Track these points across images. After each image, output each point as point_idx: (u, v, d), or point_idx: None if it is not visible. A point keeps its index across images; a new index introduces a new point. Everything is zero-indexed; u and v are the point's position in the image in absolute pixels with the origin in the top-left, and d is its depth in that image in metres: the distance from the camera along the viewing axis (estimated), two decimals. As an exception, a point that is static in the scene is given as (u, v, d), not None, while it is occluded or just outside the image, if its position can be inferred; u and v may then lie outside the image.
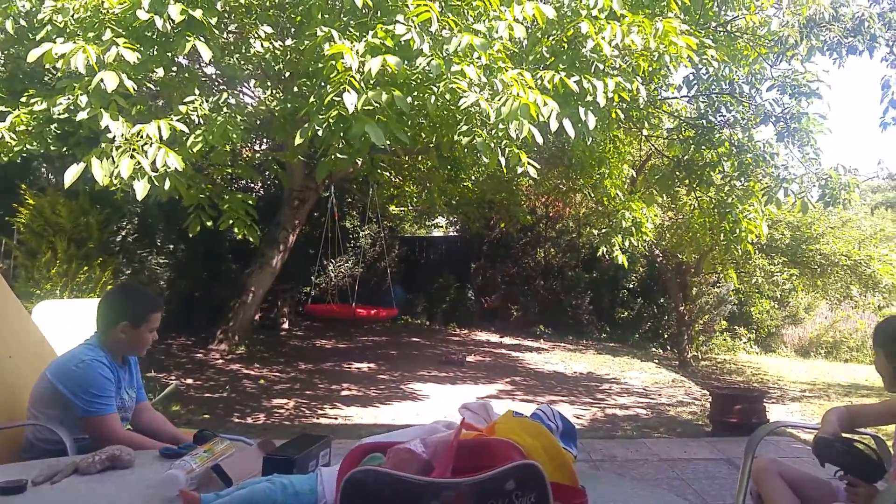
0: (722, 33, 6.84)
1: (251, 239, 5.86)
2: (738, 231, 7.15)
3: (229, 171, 6.37)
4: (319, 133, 4.24)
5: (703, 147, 7.22)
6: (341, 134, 4.32)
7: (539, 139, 4.47)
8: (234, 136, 4.89)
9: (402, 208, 14.32)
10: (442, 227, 16.81)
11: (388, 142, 4.36)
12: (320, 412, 6.33)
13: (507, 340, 12.44)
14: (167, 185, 4.24)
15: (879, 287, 9.44)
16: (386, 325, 12.35)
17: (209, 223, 5.61)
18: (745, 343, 14.05)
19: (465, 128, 4.64)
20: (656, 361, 11.11)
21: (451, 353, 8.41)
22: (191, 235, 5.61)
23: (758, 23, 6.32)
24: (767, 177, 6.89)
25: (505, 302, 14.17)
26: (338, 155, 4.77)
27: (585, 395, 7.55)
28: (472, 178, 10.49)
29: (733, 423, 5.15)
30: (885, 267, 9.17)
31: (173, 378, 7.39)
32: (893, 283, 9.19)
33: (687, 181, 7.73)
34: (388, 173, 10.60)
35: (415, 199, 11.76)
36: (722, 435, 5.18)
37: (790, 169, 7.03)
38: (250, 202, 5.77)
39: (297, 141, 4.42)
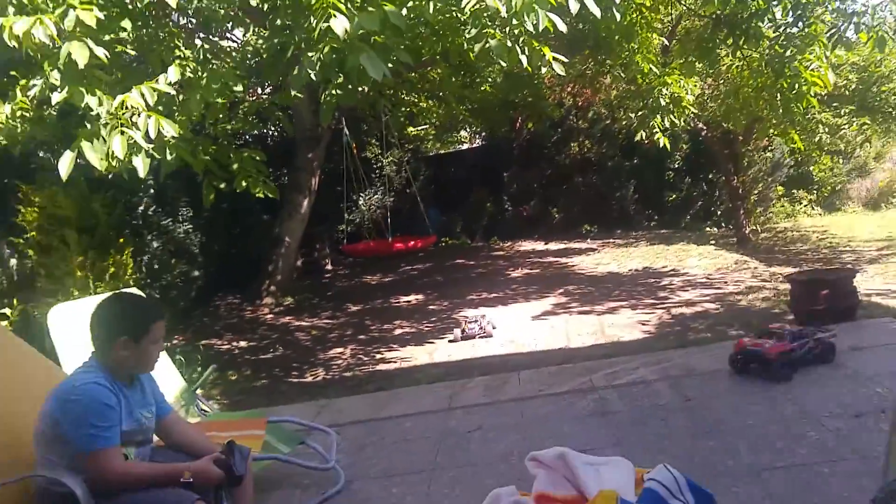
0: None
1: (270, 195, 5.46)
2: (798, 86, 6.30)
3: (228, 127, 5.88)
4: (313, 76, 3.71)
5: (754, -3, 6.25)
6: (337, 69, 3.80)
7: (562, 27, 3.81)
8: (236, 86, 4.39)
9: (420, 127, 13.65)
10: (466, 139, 16.08)
11: (388, 67, 3.78)
12: (378, 357, 6.13)
13: (553, 246, 12.00)
14: (169, 155, 3.86)
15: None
16: (428, 249, 12.03)
17: (223, 186, 5.23)
18: (805, 206, 13.23)
19: (473, 32, 3.99)
20: (713, 243, 10.53)
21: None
22: (208, 203, 5.24)
23: None
24: (832, 14, 5.93)
25: (544, 207, 13.61)
26: (338, 91, 4.26)
27: (646, 296, 7.13)
28: (489, 79, 9.73)
29: (820, 310, 4.64)
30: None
31: (225, 343, 7.31)
32: None
33: (730, 40, 6.81)
34: (398, 93, 9.92)
35: (433, 115, 11.06)
36: (809, 324, 4.69)
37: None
38: (258, 157, 5.32)
39: (293, 86, 3.93)
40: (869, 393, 3.36)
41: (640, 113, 7.47)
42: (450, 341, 6.19)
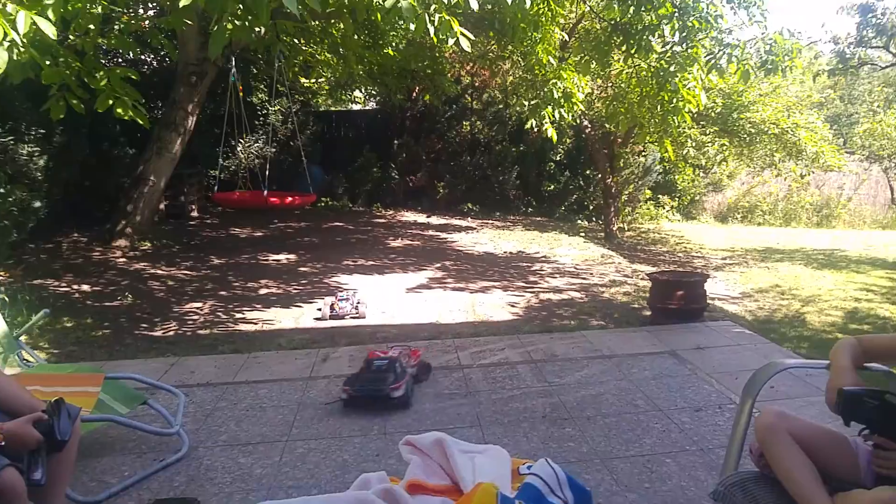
0: None
1: (139, 121, 4.87)
2: (676, 101, 6.74)
3: (100, 41, 5.16)
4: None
5: (643, 9, 6.57)
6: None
7: (474, 5, 3.74)
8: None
9: (315, 80, 13.04)
10: (360, 100, 15.62)
11: (299, 7, 3.46)
12: (239, 316, 5.74)
13: (435, 220, 12.03)
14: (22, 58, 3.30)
15: (803, 155, 9.46)
16: (306, 208, 11.59)
17: (80, 105, 4.58)
18: (667, 211, 14.28)
19: (387, -13, 3.78)
20: (583, 235, 11.06)
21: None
22: (55, 117, 4.56)
23: None
24: (711, 42, 6.38)
25: (431, 180, 13.60)
26: (235, 22, 3.85)
27: (518, 279, 7.31)
28: (392, 44, 9.45)
29: (674, 308, 5.00)
30: (809, 135, 9.14)
31: (63, 286, 6.57)
32: (817, 151, 9.21)
33: (624, 47, 7.12)
34: (296, 40, 9.35)
35: (329, 70, 10.57)
36: (662, 322, 5.04)
37: (734, 33, 6.56)
38: (132, 76, 4.72)
39: (183, 2, 3.46)
40: (709, 390, 3.64)
41: (533, 102, 7.59)
42: (316, 319, 5.55)
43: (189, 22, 6.00)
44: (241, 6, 3.62)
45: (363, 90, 14.04)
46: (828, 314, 6.02)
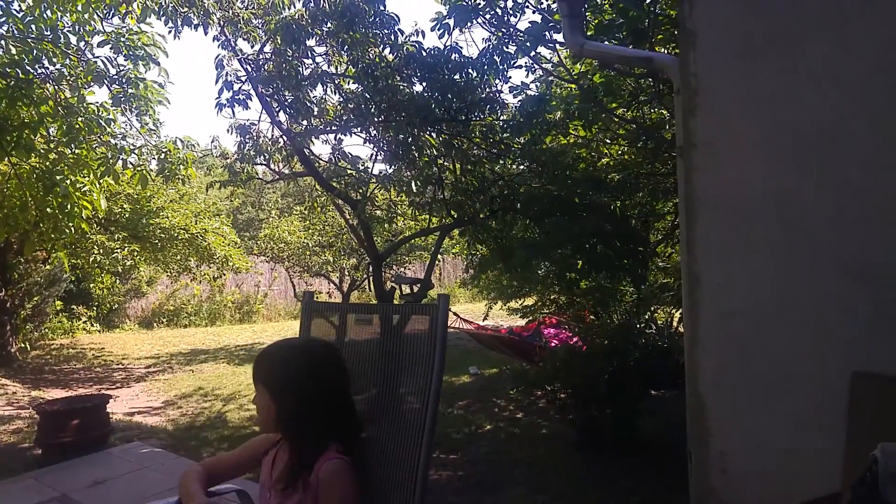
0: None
1: None
2: (69, 206, 6.19)
3: None
4: None
5: (20, 104, 5.90)
6: None
7: None
8: None
9: None
10: None
11: None
12: None
13: None
14: None
15: (214, 259, 10.05)
16: None
17: None
18: (85, 323, 12.97)
19: None
20: (-31, 365, 8.87)
21: None
22: None
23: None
24: (104, 146, 6.19)
25: None
26: None
27: None
28: None
29: (69, 442, 4.30)
30: (217, 239, 9.83)
31: None
32: (225, 255, 9.96)
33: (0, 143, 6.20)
34: None
35: None
36: (56, 460, 4.25)
37: (128, 139, 6.54)
38: None
39: None
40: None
41: None
42: None
43: None
44: None
45: None
46: (247, 409, 6.31)
